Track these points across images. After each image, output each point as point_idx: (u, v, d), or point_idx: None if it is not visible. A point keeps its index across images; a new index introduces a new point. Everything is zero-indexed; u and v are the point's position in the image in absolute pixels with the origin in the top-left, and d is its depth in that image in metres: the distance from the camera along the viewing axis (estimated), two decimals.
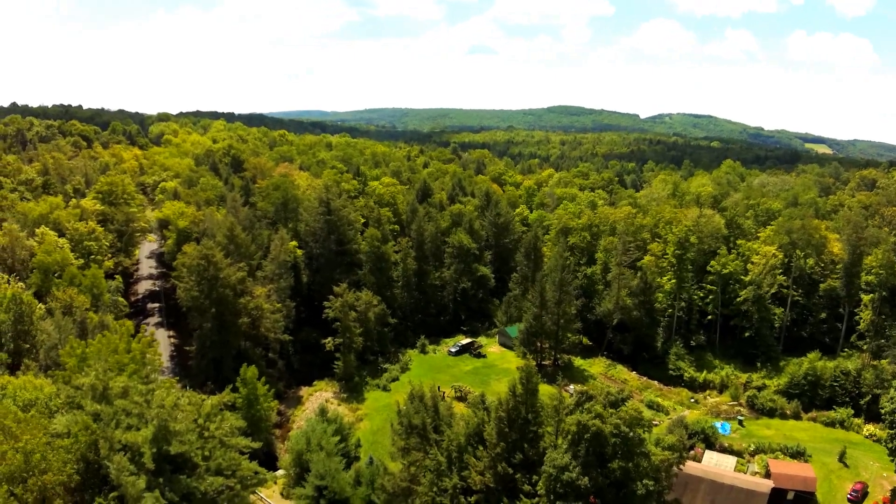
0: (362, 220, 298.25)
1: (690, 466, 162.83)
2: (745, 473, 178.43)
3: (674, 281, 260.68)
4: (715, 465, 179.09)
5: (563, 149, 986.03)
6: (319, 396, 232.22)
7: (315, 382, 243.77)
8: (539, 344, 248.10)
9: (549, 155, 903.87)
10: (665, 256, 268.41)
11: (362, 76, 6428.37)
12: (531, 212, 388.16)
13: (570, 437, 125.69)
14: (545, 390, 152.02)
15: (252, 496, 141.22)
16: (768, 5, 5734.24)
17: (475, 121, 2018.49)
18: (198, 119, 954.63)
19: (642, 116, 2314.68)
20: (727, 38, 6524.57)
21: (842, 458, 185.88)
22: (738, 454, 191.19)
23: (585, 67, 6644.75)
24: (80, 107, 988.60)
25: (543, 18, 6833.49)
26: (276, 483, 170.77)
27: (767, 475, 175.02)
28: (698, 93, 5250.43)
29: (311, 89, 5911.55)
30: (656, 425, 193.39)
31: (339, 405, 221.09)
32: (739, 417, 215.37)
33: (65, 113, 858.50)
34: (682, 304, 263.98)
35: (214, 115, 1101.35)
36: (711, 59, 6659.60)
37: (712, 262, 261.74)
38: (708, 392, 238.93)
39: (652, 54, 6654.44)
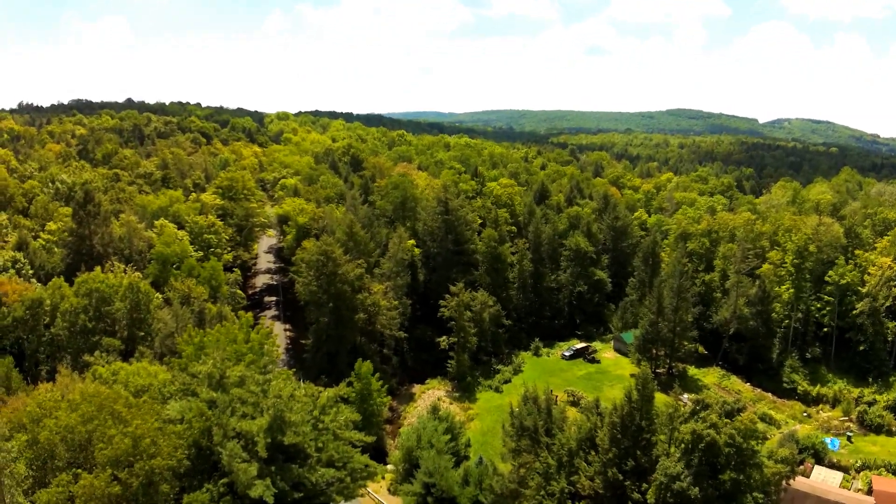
0: (479, 221, 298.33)
1: (799, 482, 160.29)
2: (850, 490, 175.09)
3: (792, 291, 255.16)
4: (822, 480, 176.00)
5: (681, 152, 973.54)
6: (432, 394, 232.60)
7: (428, 380, 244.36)
8: (654, 351, 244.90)
9: (667, 158, 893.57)
10: (784, 265, 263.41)
11: (478, 77, 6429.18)
12: (650, 216, 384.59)
13: (683, 445, 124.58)
14: (659, 399, 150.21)
15: (360, 489, 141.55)
16: (874, 10, 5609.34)
17: (592, 123, 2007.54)
18: (317, 118, 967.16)
19: (761, 121, 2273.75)
20: (838, 42, 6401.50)
21: None
22: (845, 470, 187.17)
23: (701, 69, 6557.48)
24: (199, 104, 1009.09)
25: (658, 19, 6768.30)
26: (384, 478, 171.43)
27: (869, 492, 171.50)
28: (816, 98, 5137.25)
29: (427, 90, 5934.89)
30: (767, 439, 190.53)
31: (450, 404, 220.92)
32: (849, 433, 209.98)
33: (183, 110, 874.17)
34: (799, 314, 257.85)
35: (333, 115, 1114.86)
36: (824, 64, 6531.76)
37: (830, 273, 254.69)
38: (821, 406, 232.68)
39: (766, 57, 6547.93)
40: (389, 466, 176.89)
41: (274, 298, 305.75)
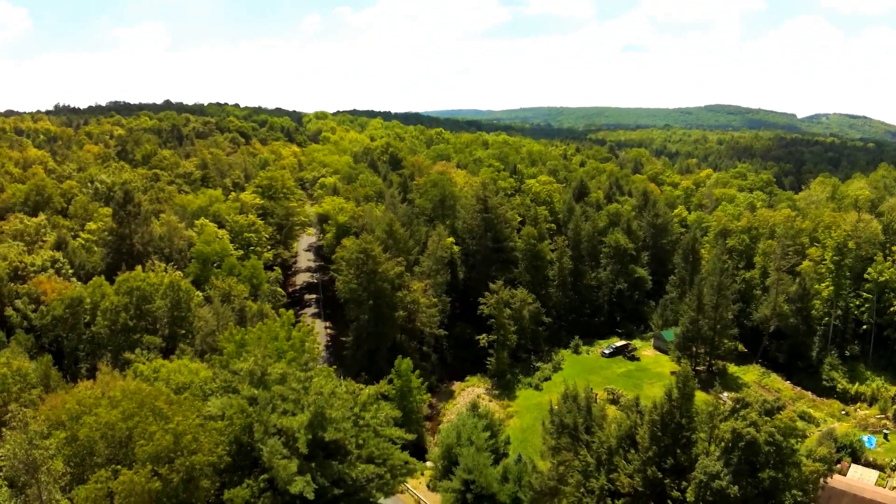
0: (519, 219, 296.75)
1: (835, 480, 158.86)
2: (885, 488, 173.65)
3: (831, 288, 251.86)
4: (858, 478, 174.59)
5: (719, 148, 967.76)
6: (471, 392, 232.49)
7: (467, 378, 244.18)
8: (694, 349, 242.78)
9: (706, 154, 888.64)
10: (823, 262, 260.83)
11: (516, 75, 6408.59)
12: (689, 213, 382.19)
13: (723, 444, 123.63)
14: (699, 397, 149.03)
15: (399, 486, 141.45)
16: None
17: (630, 119, 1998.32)
18: (355, 117, 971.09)
19: (799, 116, 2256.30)
20: (873, 35, 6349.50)
21: None
22: (881, 468, 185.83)
23: (738, 64, 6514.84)
24: (237, 105, 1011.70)
25: (694, 14, 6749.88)
26: (422, 474, 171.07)
27: None
28: (852, 93, 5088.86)
29: (465, 88, 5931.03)
30: (806, 437, 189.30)
31: (490, 401, 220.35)
32: (885, 431, 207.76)
33: (221, 110, 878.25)
34: (839, 312, 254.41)
35: (371, 114, 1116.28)
36: (860, 58, 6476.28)
37: (869, 270, 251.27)
38: (858, 404, 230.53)
39: (802, 51, 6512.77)
40: (428, 463, 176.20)
41: (314, 296, 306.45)
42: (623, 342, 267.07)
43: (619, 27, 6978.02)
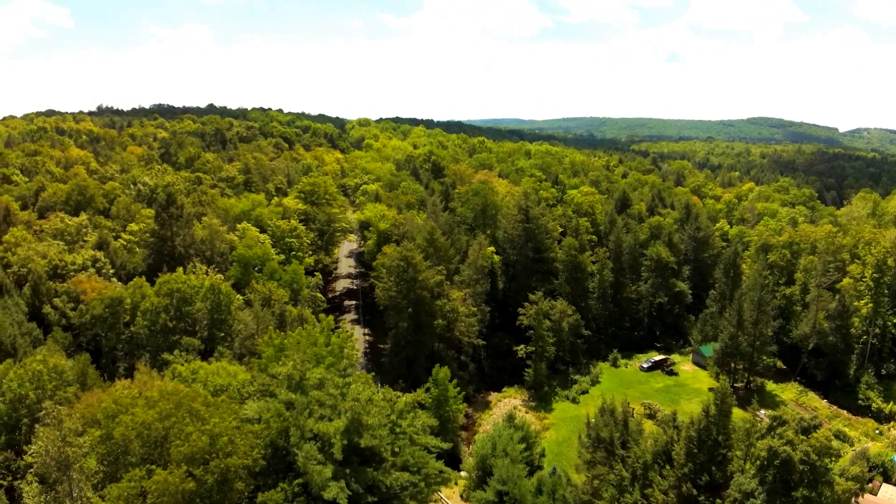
0: (560, 229, 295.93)
1: (867, 499, 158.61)
2: None
3: (870, 305, 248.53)
4: (888, 498, 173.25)
5: (762, 162, 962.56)
6: (508, 403, 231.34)
7: (504, 388, 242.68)
8: (733, 365, 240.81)
9: (749, 167, 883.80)
10: (863, 279, 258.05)
11: (558, 84, 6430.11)
12: (731, 226, 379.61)
13: (759, 462, 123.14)
14: (736, 414, 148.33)
15: (433, 494, 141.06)
16: None
17: (673, 131, 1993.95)
18: (398, 125, 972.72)
19: (841, 130, 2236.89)
20: None
21: None
22: None
23: (780, 76, 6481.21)
24: (280, 110, 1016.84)
25: (736, 25, 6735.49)
26: (456, 484, 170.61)
27: None
28: (893, 107, 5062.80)
29: (508, 97, 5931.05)
30: (840, 456, 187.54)
31: (526, 413, 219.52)
32: None
33: (264, 116, 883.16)
34: (877, 330, 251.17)
35: (414, 122, 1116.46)
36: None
37: None
38: (892, 423, 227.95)
39: (843, 65, 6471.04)
40: (463, 473, 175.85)
41: (354, 302, 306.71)
42: (662, 356, 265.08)
43: (662, 36, 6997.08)
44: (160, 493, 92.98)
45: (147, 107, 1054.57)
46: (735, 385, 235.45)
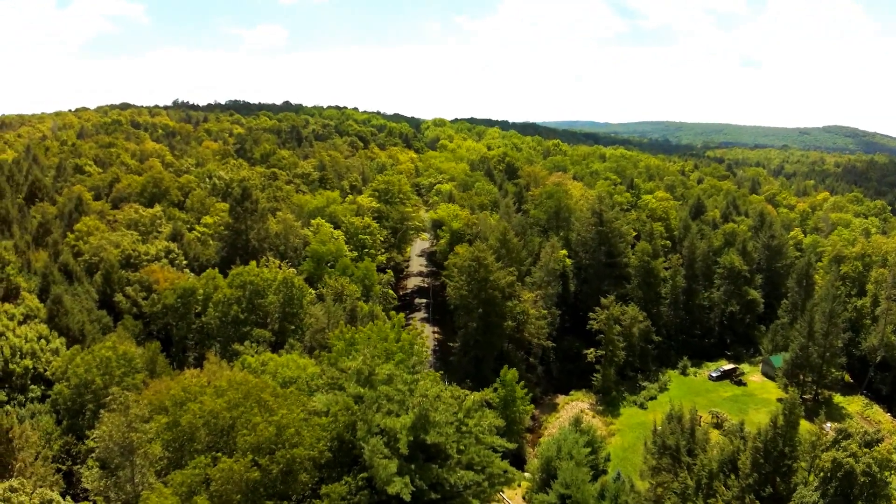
0: (633, 234, 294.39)
1: None
2: None
3: None
4: None
5: (836, 171, 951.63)
6: (574, 406, 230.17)
7: (572, 392, 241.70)
8: (802, 377, 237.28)
9: (823, 177, 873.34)
10: None
11: (633, 87, 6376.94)
12: (805, 236, 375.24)
13: (822, 474, 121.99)
14: (802, 426, 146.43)
15: (495, 494, 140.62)
16: None
17: (748, 138, 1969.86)
18: (472, 126, 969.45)
19: None
20: None
21: None
22: None
23: (855, 85, 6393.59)
24: (356, 109, 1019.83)
25: (812, 31, 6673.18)
26: (519, 485, 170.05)
27: None
28: None
29: (583, 100, 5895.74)
30: None
31: (593, 417, 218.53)
32: None
33: (340, 114, 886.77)
34: None
35: (489, 123, 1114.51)
36: None
37: None
38: None
39: None
40: (526, 474, 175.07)
41: (424, 301, 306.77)
42: (731, 366, 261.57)
43: (737, 41, 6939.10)
44: (224, 480, 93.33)
45: (223, 102, 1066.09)
46: (803, 397, 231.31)
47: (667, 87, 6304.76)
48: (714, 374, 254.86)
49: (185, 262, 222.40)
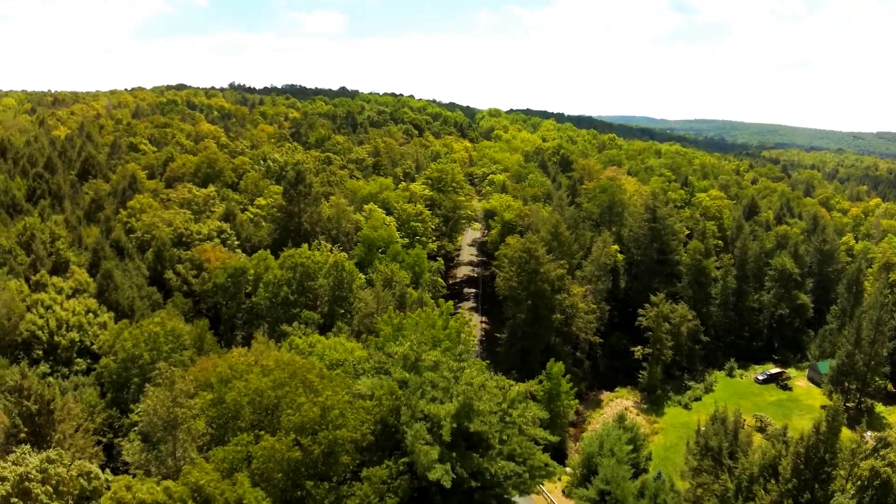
0: (686, 232, 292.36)
1: None
2: None
3: None
4: None
5: (889, 177, 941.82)
6: (619, 403, 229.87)
7: (617, 388, 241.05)
8: (846, 384, 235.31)
9: (876, 182, 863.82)
10: None
11: (690, 84, 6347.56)
12: (856, 241, 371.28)
13: (860, 482, 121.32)
14: (843, 434, 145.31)
15: (535, 486, 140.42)
16: None
17: (804, 139, 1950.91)
18: (528, 117, 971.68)
19: None
20: None
21: None
22: None
23: None
24: (412, 96, 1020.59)
25: (866, 33, 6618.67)
26: (560, 479, 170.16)
27: None
28: None
29: (639, 95, 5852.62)
30: None
31: (637, 415, 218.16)
32: None
33: (396, 101, 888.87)
34: None
35: (544, 115, 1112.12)
36: None
37: None
38: None
39: None
40: (567, 469, 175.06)
41: (473, 290, 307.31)
42: (778, 370, 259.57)
43: (792, 40, 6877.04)
44: (266, 458, 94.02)
45: (279, 86, 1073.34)
46: (846, 405, 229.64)
47: (722, 85, 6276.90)
48: (760, 378, 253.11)
49: (236, 242, 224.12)
